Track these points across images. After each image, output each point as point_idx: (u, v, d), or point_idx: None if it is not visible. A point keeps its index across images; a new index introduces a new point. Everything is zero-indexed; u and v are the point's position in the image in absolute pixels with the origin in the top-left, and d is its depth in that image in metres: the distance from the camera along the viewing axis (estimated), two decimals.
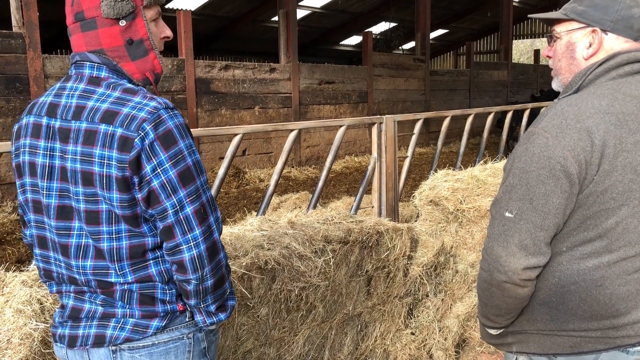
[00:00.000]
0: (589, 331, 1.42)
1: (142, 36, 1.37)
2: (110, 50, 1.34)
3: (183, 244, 1.30)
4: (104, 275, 1.34)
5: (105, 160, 1.26)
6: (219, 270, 1.36)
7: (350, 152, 11.62)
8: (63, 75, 7.44)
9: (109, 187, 1.27)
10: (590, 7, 1.44)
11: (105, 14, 1.32)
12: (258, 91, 9.89)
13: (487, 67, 16.29)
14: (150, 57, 1.39)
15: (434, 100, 13.87)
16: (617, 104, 1.36)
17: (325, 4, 16.77)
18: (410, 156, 4.24)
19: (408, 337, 3.07)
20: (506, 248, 1.38)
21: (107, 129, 1.26)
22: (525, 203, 1.36)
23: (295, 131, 3.47)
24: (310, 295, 2.56)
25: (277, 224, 2.75)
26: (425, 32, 13.59)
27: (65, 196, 1.32)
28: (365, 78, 11.97)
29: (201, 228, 1.31)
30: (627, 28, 1.43)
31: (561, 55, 1.51)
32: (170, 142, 1.27)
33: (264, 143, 10.04)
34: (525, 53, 30.51)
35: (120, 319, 1.35)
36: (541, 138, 1.35)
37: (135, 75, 1.38)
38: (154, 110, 1.27)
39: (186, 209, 1.29)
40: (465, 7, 20.31)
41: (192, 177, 1.30)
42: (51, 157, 1.33)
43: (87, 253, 1.33)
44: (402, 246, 2.96)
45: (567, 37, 1.49)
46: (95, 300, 1.37)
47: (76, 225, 1.33)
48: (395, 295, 3.00)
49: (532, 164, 1.35)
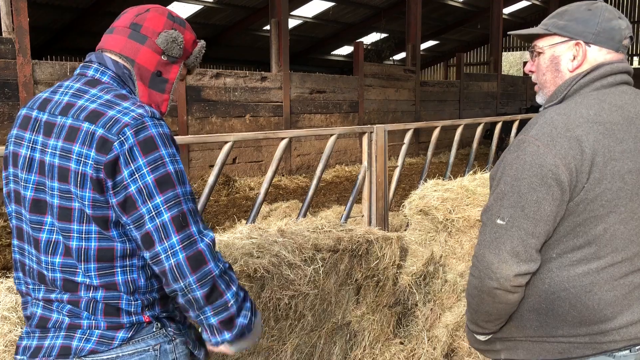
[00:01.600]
0: (578, 337, 1.43)
1: (170, 79, 1.46)
2: (138, 67, 1.41)
3: (161, 252, 1.27)
4: (71, 274, 1.32)
5: (83, 158, 1.26)
6: (208, 282, 1.29)
7: (340, 162, 11.64)
8: (53, 81, 7.40)
9: (83, 186, 1.26)
10: (572, 21, 1.47)
11: (159, 42, 1.41)
12: (249, 99, 9.89)
13: (477, 78, 16.44)
14: (164, 97, 1.46)
15: (424, 111, 13.96)
16: (604, 114, 1.39)
17: (317, 14, 16.87)
18: (400, 166, 4.26)
19: (397, 347, 3.06)
20: (498, 255, 1.38)
21: (89, 127, 1.26)
22: (517, 210, 1.37)
23: (285, 139, 3.47)
24: (299, 303, 2.55)
25: (266, 232, 2.74)
26: (416, 43, 13.69)
27: (41, 190, 1.32)
28: (356, 88, 12.02)
29: (179, 236, 1.27)
30: (608, 40, 1.46)
31: (545, 69, 1.53)
32: (150, 148, 1.26)
33: (254, 151, 10.03)
34: (515, 65, 30.83)
35: (86, 330, 1.33)
36: (532, 146, 1.36)
37: (143, 98, 1.42)
38: (139, 116, 1.27)
39: (163, 215, 1.26)
40: (455, 19, 20.52)
41: (172, 184, 1.28)
42: (33, 149, 1.33)
43: (56, 249, 1.32)
44: (391, 255, 2.96)
45: (551, 51, 1.51)
46: (62, 311, 1.34)
47: (48, 220, 1.32)
48: (384, 304, 3.00)
49: (524, 171, 1.36)
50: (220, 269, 1.32)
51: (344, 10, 17.19)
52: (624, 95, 1.45)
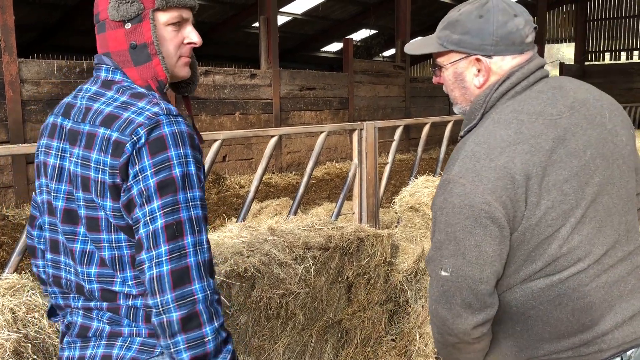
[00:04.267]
0: (561, 352, 1.32)
1: (146, 40, 1.29)
2: (115, 54, 1.30)
3: (146, 261, 1.17)
4: (109, 284, 1.27)
5: (101, 165, 1.21)
6: (188, 305, 1.15)
7: (331, 159, 11.63)
8: (39, 80, 7.32)
9: (103, 195, 1.21)
10: (466, 35, 1.35)
11: (112, 16, 1.28)
12: (239, 97, 9.85)
13: None
14: (153, 63, 1.30)
15: (414, 107, 13.98)
16: (524, 129, 1.27)
17: (306, 10, 16.83)
18: (390, 162, 4.25)
19: (389, 344, 3.06)
20: (450, 310, 1.28)
21: (104, 132, 1.21)
22: (459, 259, 1.26)
23: (275, 137, 3.45)
24: (290, 302, 2.54)
25: (257, 231, 2.73)
26: (406, 40, 13.69)
27: (71, 199, 1.28)
28: (346, 84, 12.01)
29: (168, 246, 1.16)
30: (509, 46, 1.34)
31: (452, 85, 1.43)
32: (158, 149, 1.18)
33: (244, 149, 10.00)
34: None
35: (127, 338, 1.28)
36: (458, 186, 1.26)
37: (138, 82, 1.31)
38: (153, 115, 1.20)
39: (157, 221, 1.17)
40: (445, 15, 20.51)
41: (174, 188, 1.18)
42: (62, 158, 1.29)
43: (91, 260, 1.28)
44: (382, 252, 2.96)
45: (452, 68, 1.41)
46: (102, 319, 1.30)
47: (81, 231, 1.28)
48: (375, 301, 2.99)
49: (455, 215, 1.25)
50: (206, 295, 1.18)
51: (334, 6, 17.16)
52: (541, 95, 1.34)
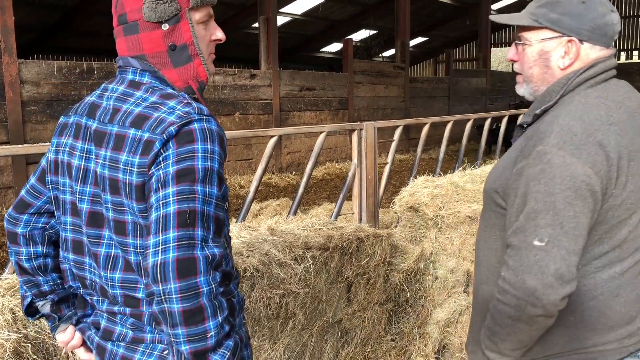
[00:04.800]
0: (607, 344, 1.36)
1: (186, 41, 1.26)
2: (151, 57, 1.26)
3: (151, 247, 1.11)
4: (132, 290, 1.24)
5: (129, 167, 1.18)
6: (192, 298, 1.10)
7: (331, 159, 11.64)
8: (39, 80, 7.33)
9: (130, 196, 1.18)
10: (565, 16, 1.39)
11: (147, 17, 1.22)
12: (238, 97, 9.86)
13: (466, 74, 16.49)
14: (195, 63, 1.28)
15: (413, 107, 13.98)
16: (613, 113, 1.34)
17: (306, 10, 16.84)
18: (390, 162, 4.26)
19: (388, 344, 3.06)
20: (542, 280, 1.27)
21: (135, 134, 1.18)
22: (556, 229, 1.27)
23: (275, 137, 3.46)
24: (290, 302, 2.54)
25: (256, 231, 2.73)
26: (405, 40, 13.71)
27: (97, 202, 1.25)
28: (345, 85, 12.01)
29: (177, 232, 1.10)
30: (602, 36, 1.40)
31: (533, 62, 1.45)
32: (185, 140, 1.15)
33: (244, 149, 10.00)
34: (504, 61, 30.93)
35: (149, 344, 1.27)
36: (557, 157, 1.28)
37: (177, 84, 1.28)
38: (185, 114, 1.17)
39: (169, 206, 1.11)
40: (444, 16, 20.55)
41: (193, 178, 1.13)
42: (87, 159, 1.25)
43: (116, 264, 1.25)
44: (382, 252, 2.96)
45: (540, 45, 1.43)
46: (125, 324, 1.28)
47: (106, 234, 1.25)
48: (375, 301, 3.00)
49: (556, 185, 1.27)
50: (211, 289, 1.13)
51: (333, 7, 17.17)
52: (619, 89, 1.41)
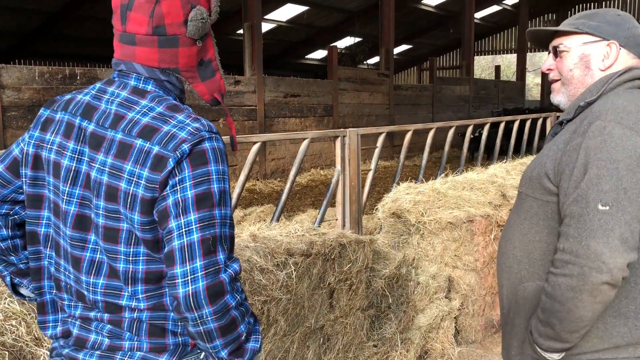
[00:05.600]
0: None
1: (211, 57, 1.31)
2: (184, 70, 1.28)
3: (179, 276, 1.14)
4: (115, 297, 1.23)
5: (135, 178, 1.16)
6: (225, 315, 1.17)
7: (315, 165, 11.65)
8: (20, 85, 7.25)
9: (132, 207, 1.17)
10: (604, 23, 1.52)
11: (190, 34, 1.24)
12: None
13: (450, 82, 16.64)
14: (217, 77, 1.33)
15: (398, 115, 14.07)
16: None
17: (291, 17, 16.90)
18: (373, 169, 4.28)
19: (370, 350, 3.07)
20: (608, 243, 1.27)
21: (143, 145, 1.17)
22: (620, 193, 1.29)
23: (258, 144, 3.46)
24: (272, 309, 2.54)
25: (238, 237, 2.73)
26: (389, 47, 13.81)
27: (86, 205, 1.23)
28: (330, 92, 12.06)
29: (204, 261, 1.14)
30: (636, 45, 1.53)
31: (573, 65, 1.56)
32: (199, 162, 1.17)
33: (228, 156, 9.98)
34: (487, 69, 31.29)
35: (127, 352, 1.25)
36: (617, 129, 1.34)
37: (205, 97, 1.32)
38: (196, 131, 1.18)
39: (193, 234, 1.14)
40: (428, 24, 20.76)
41: (212, 203, 1.16)
42: (79, 161, 1.23)
43: (100, 270, 1.23)
44: (364, 259, 2.97)
45: (581, 49, 1.54)
46: (102, 331, 1.26)
47: (92, 239, 1.23)
48: (357, 307, 3.01)
49: (618, 153, 1.32)
50: (237, 300, 1.20)
51: (318, 14, 17.26)
52: None
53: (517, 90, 19.72)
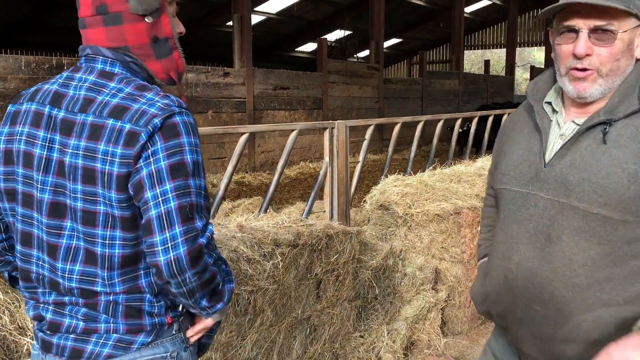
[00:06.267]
0: None
1: (167, 34, 1.31)
2: (135, 48, 1.27)
3: (159, 244, 1.16)
4: (90, 284, 1.24)
5: (109, 157, 1.18)
6: (205, 272, 1.22)
7: (305, 158, 11.64)
8: (6, 75, 7.16)
9: (109, 186, 1.19)
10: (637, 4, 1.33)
11: (133, 8, 1.24)
12: (211, 95, 9.79)
13: (439, 76, 16.67)
14: (175, 55, 1.33)
15: (387, 108, 14.08)
16: None
17: (281, 10, 16.82)
18: (361, 161, 4.29)
19: (357, 340, 3.09)
20: None
21: (114, 124, 1.18)
22: None
23: (245, 135, 3.45)
24: (258, 299, 2.54)
25: (225, 228, 2.72)
26: (379, 41, 13.80)
27: (60, 192, 1.23)
28: (319, 85, 12.03)
29: (183, 227, 1.17)
30: None
31: (621, 54, 1.32)
32: (171, 134, 1.19)
33: (217, 148, 9.94)
34: (477, 63, 31.37)
35: (103, 334, 1.26)
36: None
37: (160, 75, 1.32)
38: (166, 106, 1.20)
39: (170, 202, 1.16)
40: (418, 18, 20.75)
41: (186, 173, 1.19)
42: (50, 149, 1.23)
43: (76, 256, 1.24)
44: (351, 250, 2.98)
45: (629, 34, 1.32)
46: (76, 315, 1.26)
47: (68, 225, 1.24)
48: (344, 298, 3.02)
49: None
50: (214, 257, 1.26)
51: (308, 6, 17.18)
52: None
53: (507, 85, 19.81)
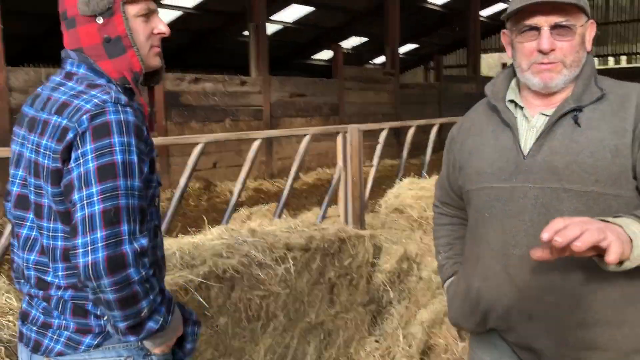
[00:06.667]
0: None
1: (120, 33, 1.31)
2: (88, 49, 1.32)
3: (80, 247, 1.16)
4: (43, 273, 1.30)
5: (48, 151, 1.24)
6: (125, 288, 1.18)
7: (322, 165, 11.63)
8: (27, 88, 7.30)
9: (47, 179, 1.24)
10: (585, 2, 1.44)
11: (82, 11, 1.29)
12: (229, 104, 9.85)
13: (456, 80, 16.58)
14: (128, 55, 1.32)
15: (404, 113, 14.00)
16: None
17: (297, 19, 16.90)
18: (375, 165, 4.27)
19: (372, 345, 3.06)
20: None
21: (57, 120, 1.24)
22: None
23: (258, 140, 3.47)
24: (271, 304, 2.53)
25: (238, 233, 2.72)
26: (395, 47, 13.77)
27: (24, 185, 1.31)
28: (336, 91, 12.03)
29: (105, 232, 1.16)
30: None
31: (578, 47, 1.42)
32: (101, 134, 1.20)
33: (235, 156, 9.98)
34: (494, 67, 31.13)
35: (56, 330, 1.31)
36: None
37: (112, 74, 1.33)
38: (101, 102, 1.22)
39: (94, 206, 1.17)
40: (434, 22, 20.66)
41: (114, 174, 1.19)
42: (21, 145, 1.33)
43: (33, 246, 1.31)
44: (364, 253, 2.96)
45: (581, 29, 1.42)
46: (38, 307, 1.33)
47: (30, 217, 1.31)
48: (358, 302, 2.99)
49: None
50: (142, 276, 1.21)
51: (324, 14, 17.24)
52: None
53: None
